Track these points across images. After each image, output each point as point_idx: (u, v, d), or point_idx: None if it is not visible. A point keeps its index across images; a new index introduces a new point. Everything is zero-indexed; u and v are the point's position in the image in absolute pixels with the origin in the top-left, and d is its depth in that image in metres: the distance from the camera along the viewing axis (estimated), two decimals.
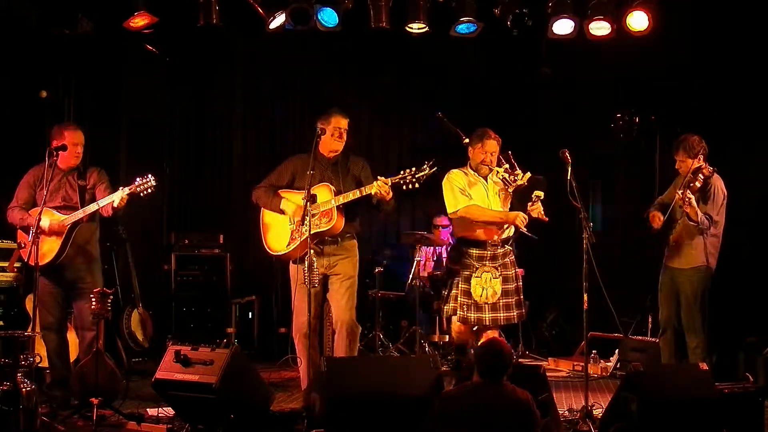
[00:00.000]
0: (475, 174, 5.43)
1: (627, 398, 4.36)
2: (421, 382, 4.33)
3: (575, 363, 6.94)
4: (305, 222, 4.95)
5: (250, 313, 7.73)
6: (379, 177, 5.14)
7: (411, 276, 7.56)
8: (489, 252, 5.32)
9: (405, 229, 8.34)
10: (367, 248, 8.21)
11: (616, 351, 6.95)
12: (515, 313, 5.33)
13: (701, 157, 5.65)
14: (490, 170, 5.39)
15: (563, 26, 6.57)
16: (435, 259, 7.94)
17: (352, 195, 5.19)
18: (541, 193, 5.10)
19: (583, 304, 4.95)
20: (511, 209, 5.40)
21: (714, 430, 4.39)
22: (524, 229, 5.22)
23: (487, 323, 5.29)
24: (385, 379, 4.34)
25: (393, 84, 8.48)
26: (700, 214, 5.47)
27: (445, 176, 5.45)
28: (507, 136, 5.88)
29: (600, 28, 6.57)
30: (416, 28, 6.61)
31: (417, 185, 5.06)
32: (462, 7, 6.54)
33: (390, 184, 5.08)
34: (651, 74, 7.31)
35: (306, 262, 4.89)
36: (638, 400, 4.27)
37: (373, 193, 5.12)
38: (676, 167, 5.79)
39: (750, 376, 4.77)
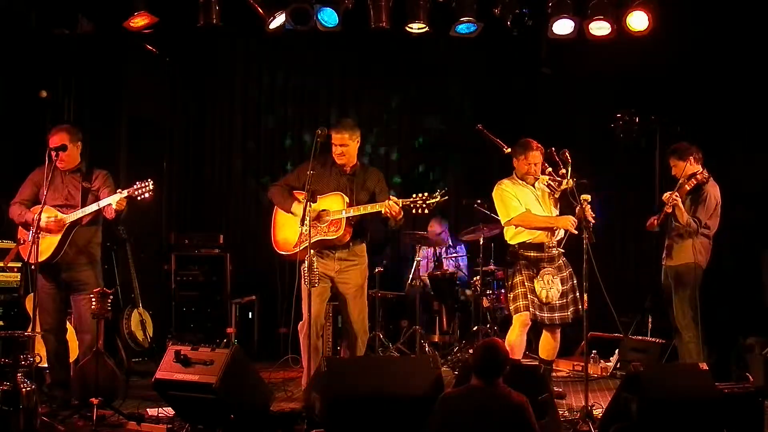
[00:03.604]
0: (523, 182, 5.64)
1: (627, 398, 4.36)
2: (421, 382, 4.33)
3: (575, 363, 6.94)
4: (305, 221, 4.95)
5: (250, 313, 7.73)
6: (390, 197, 5.18)
7: (411, 276, 7.55)
8: (546, 254, 5.55)
9: (405, 229, 8.34)
10: (366, 248, 8.22)
11: (616, 351, 6.95)
12: (569, 312, 5.53)
13: (692, 159, 5.84)
14: (536, 178, 5.60)
15: (563, 26, 6.57)
16: (435, 259, 7.94)
17: (363, 209, 5.24)
18: (588, 197, 5.19)
19: (583, 304, 4.98)
20: (559, 213, 5.60)
21: (714, 430, 4.39)
22: (575, 232, 5.38)
23: (547, 323, 5.52)
24: (385, 379, 4.34)
25: (393, 84, 8.48)
26: (686, 216, 5.70)
27: (495, 187, 5.68)
28: (507, 137, 5.91)
29: (600, 28, 6.57)
30: (416, 28, 6.61)
31: (426, 211, 5.12)
32: (462, 7, 6.54)
33: (401, 206, 5.11)
34: (651, 74, 7.31)
35: (306, 263, 4.90)
36: (638, 400, 4.27)
37: (385, 212, 5.15)
38: (672, 173, 5.94)
39: (750, 376, 4.77)
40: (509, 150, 5.76)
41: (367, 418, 4.23)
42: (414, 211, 5.13)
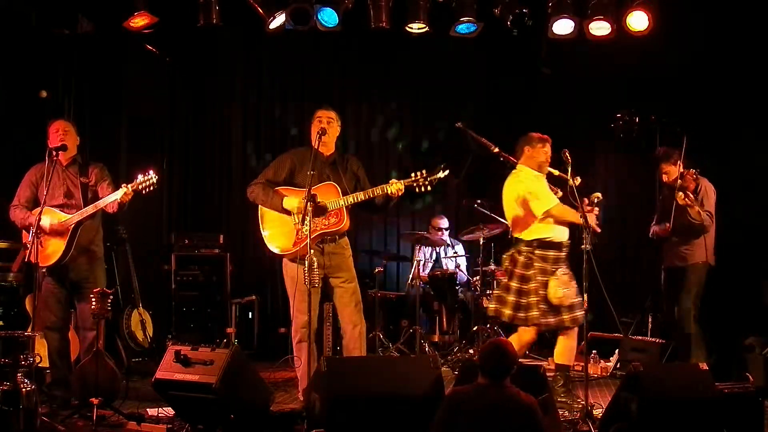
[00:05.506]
0: (540, 173, 5.44)
1: (627, 398, 4.36)
2: (421, 382, 4.33)
3: (575, 363, 6.93)
4: (305, 222, 4.94)
5: (250, 313, 7.73)
6: (393, 180, 5.14)
7: (411, 276, 7.56)
8: (564, 253, 5.33)
9: (405, 229, 8.34)
10: (367, 248, 8.23)
11: (616, 351, 6.95)
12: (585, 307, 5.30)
13: (680, 163, 5.95)
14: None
15: (563, 26, 6.58)
16: (434, 259, 7.94)
17: (363, 195, 5.18)
18: (600, 195, 5.13)
19: (583, 304, 4.97)
20: None
21: (714, 430, 4.39)
22: (598, 229, 5.22)
23: (568, 324, 5.28)
24: (385, 379, 4.34)
25: (393, 84, 8.48)
26: (702, 213, 5.78)
27: (520, 178, 5.42)
28: (507, 136, 5.90)
29: (600, 28, 6.58)
30: (416, 28, 6.62)
31: (429, 188, 5.08)
32: (462, 7, 6.55)
33: (404, 186, 5.08)
34: (651, 74, 7.32)
35: (306, 262, 4.88)
36: (638, 400, 4.27)
37: (390, 194, 5.10)
38: (663, 180, 6.05)
39: (750, 376, 4.77)
40: (497, 149, 5.62)
41: (367, 418, 4.23)
42: (417, 189, 5.08)
